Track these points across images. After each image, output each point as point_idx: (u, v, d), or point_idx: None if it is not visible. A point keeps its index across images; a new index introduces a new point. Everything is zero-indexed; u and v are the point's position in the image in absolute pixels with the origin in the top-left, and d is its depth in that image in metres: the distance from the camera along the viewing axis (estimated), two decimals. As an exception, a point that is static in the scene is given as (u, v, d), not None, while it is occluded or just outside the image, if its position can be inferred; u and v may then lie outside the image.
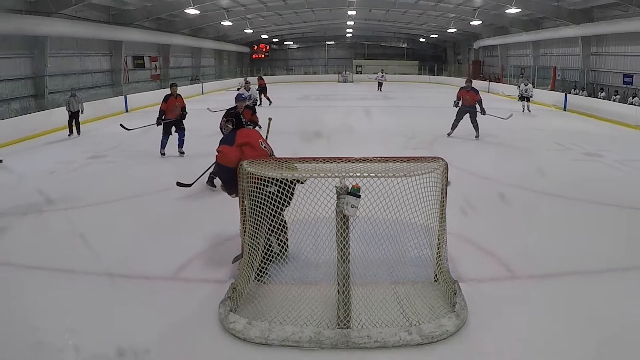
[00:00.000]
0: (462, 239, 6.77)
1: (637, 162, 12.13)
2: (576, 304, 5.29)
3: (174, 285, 5.84)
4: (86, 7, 21.13)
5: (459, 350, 4.42)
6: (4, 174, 10.92)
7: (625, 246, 6.84)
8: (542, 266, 6.20)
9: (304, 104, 27.42)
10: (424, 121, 19.33)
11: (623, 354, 4.35)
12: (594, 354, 4.36)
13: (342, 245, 4.55)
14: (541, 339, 4.59)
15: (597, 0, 22.06)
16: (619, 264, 6.27)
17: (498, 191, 9.14)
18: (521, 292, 5.63)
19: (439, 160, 5.20)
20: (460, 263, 6.16)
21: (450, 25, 35.52)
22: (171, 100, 12.28)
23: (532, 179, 10.27)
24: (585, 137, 16.07)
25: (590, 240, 7.09)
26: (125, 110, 23.54)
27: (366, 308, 4.86)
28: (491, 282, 5.82)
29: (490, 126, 15.66)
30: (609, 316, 5.00)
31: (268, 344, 4.44)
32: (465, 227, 7.04)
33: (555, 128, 18.26)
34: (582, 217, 8.19)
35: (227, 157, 5.59)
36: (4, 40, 18.52)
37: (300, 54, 54.67)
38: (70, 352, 4.39)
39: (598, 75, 26.24)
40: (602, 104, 21.80)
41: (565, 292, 5.58)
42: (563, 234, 7.37)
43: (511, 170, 11.27)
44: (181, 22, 30.74)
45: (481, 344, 4.53)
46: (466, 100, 14.72)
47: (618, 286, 5.74)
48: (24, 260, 6.47)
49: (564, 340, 4.54)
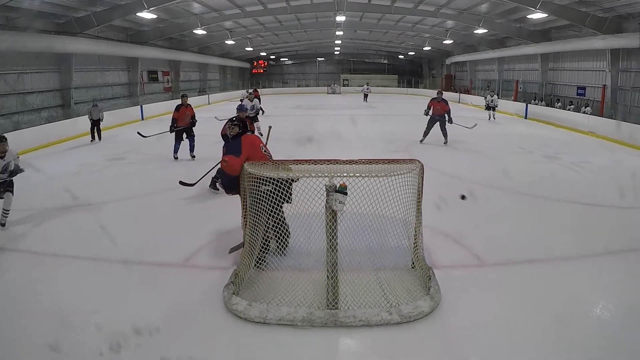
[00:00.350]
0: (436, 231, 6.77)
1: (588, 164, 12.19)
2: (534, 287, 5.33)
3: (183, 271, 5.84)
4: (107, 28, 21.04)
5: (433, 328, 4.45)
6: (35, 174, 10.84)
7: (577, 237, 6.89)
8: (506, 255, 6.23)
9: (297, 112, 27.37)
10: (402, 128, 19.29)
11: (572, 328, 4.42)
12: (548, 329, 4.39)
13: (331, 237, 4.57)
14: (505, 317, 4.63)
15: (554, 22, 22.10)
16: (572, 253, 6.32)
17: (468, 189, 9.13)
18: (488, 277, 5.67)
19: (415, 162, 5.23)
20: (435, 252, 6.16)
21: (426, 44, 35.56)
22: (182, 110, 12.23)
23: (497, 178, 10.31)
24: (544, 141, 16.09)
25: (547, 232, 7.14)
26: (141, 118, 23.44)
27: (352, 291, 4.87)
28: (461, 268, 5.84)
29: (460, 132, 15.67)
30: (562, 297, 5.06)
31: (266, 323, 4.46)
32: (438, 220, 7.05)
33: (517, 134, 18.30)
34: (541, 212, 8.21)
35: (232, 167, 5.57)
36: (35, 57, 18.47)
37: (294, 69, 54.61)
38: (92, 330, 4.39)
39: (555, 87, 26.33)
40: (558, 112, 21.90)
41: (526, 277, 5.62)
42: (524, 227, 7.41)
43: (479, 171, 11.28)
44: (190, 41, 30.65)
45: (453, 322, 4.56)
46: (436, 110, 14.49)
47: (570, 271, 5.80)
48: (52, 249, 6.48)
49: (524, 318, 4.59)
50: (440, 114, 14.45)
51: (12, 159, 7.19)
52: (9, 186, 7.21)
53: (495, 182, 9.94)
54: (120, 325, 4.40)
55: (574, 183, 10.28)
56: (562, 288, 5.29)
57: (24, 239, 6.93)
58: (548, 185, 9.81)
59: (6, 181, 7.15)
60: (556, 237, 6.93)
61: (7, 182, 7.17)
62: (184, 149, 12.40)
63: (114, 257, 6.13)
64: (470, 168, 11.69)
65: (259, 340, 4.28)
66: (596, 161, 12.51)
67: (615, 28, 18.87)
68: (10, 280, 5.62)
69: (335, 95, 45.05)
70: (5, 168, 7.08)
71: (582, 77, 23.84)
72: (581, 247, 6.52)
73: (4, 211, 7.12)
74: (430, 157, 11.49)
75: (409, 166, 5.13)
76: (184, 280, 5.57)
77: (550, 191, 9.30)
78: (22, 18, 16.14)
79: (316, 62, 54.07)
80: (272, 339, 4.28)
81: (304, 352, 4.15)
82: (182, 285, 5.44)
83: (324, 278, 4.71)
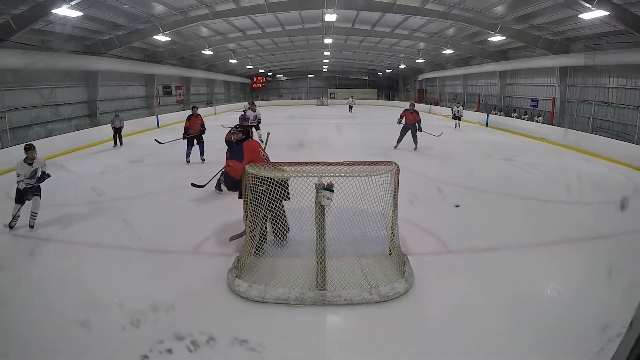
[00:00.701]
0: (409, 222, 6.79)
1: (541, 165, 12.26)
2: (495, 271, 5.40)
3: (193, 257, 5.84)
4: (128, 49, 20.95)
5: (408, 306, 4.50)
6: (66, 174, 10.80)
7: (532, 228, 6.96)
8: (470, 243, 6.29)
9: (291, 121, 27.27)
10: (380, 135, 19.13)
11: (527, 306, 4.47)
12: (507, 307, 4.45)
13: (320, 228, 4.60)
14: (470, 298, 4.69)
15: (511, 44, 22.21)
16: (527, 241, 6.39)
17: (437, 187, 9.21)
18: (454, 262, 5.72)
19: (392, 164, 5.25)
20: (409, 241, 6.20)
21: (401, 62, 35.52)
22: (193, 119, 12.15)
23: (462, 178, 10.36)
24: (502, 146, 16.19)
25: (506, 223, 7.20)
26: (157, 126, 23.30)
27: (338, 275, 4.90)
28: (432, 255, 5.89)
29: (430, 139, 15.68)
30: (519, 280, 5.12)
31: (264, 302, 4.49)
32: (412, 214, 7.07)
33: (480, 140, 18.33)
34: (500, 206, 8.26)
35: (236, 171, 5.57)
36: (66, 74, 18.46)
37: (288, 84, 54.34)
38: (115, 308, 4.42)
39: (512, 100, 26.43)
40: (515, 122, 21.97)
41: (487, 263, 5.68)
42: (486, 219, 7.47)
43: (447, 171, 11.31)
44: (199, 60, 30.50)
45: (424, 301, 4.61)
46: (409, 120, 14.40)
47: (526, 258, 5.86)
48: (81, 239, 6.50)
49: (487, 299, 4.65)
50: (412, 123, 14.41)
51: (39, 166, 7.00)
52: (37, 191, 7.01)
53: (461, 181, 9.99)
54: (140, 304, 4.44)
55: (528, 182, 10.34)
56: (519, 272, 5.35)
57: (58, 230, 6.91)
58: (506, 184, 9.88)
59: (34, 186, 6.96)
60: (513, 228, 7.00)
61: (35, 187, 6.98)
62: (195, 153, 12.36)
63: (135, 246, 6.16)
64: (439, 169, 11.71)
65: (258, 316, 4.31)
66: (547, 163, 12.59)
67: (563, 49, 19.01)
68: (46, 267, 5.62)
69: (323, 107, 44.92)
70: (34, 174, 6.92)
71: (535, 91, 23.98)
72: (535, 237, 6.58)
73: (32, 214, 6.94)
74: (404, 160, 11.50)
75: (387, 167, 5.16)
76: (193, 266, 5.59)
77: (509, 189, 9.37)
78: (55, 41, 16.15)
79: (307, 78, 53.86)
80: (269, 316, 4.32)
81: (297, 326, 4.18)
82: (192, 269, 5.46)
83: (314, 263, 4.75)
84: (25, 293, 4.79)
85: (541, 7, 15.39)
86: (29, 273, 5.39)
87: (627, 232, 6.65)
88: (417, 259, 5.53)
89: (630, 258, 5.72)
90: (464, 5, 17.02)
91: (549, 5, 14.82)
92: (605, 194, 9.25)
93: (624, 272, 5.21)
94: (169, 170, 11.67)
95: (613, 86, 17.99)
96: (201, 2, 17.03)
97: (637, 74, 16.54)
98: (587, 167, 12.44)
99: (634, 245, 6.20)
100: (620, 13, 13.04)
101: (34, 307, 4.47)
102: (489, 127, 23.58)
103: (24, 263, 5.73)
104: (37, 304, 4.53)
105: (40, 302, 4.60)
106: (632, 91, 16.90)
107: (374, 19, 21.68)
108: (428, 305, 4.53)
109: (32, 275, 5.31)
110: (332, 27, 22.47)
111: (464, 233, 6.69)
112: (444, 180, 10.13)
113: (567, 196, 8.83)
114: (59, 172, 7.55)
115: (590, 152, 14.68)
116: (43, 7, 12.41)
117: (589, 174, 11.40)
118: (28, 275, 5.31)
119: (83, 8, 13.43)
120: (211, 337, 3.90)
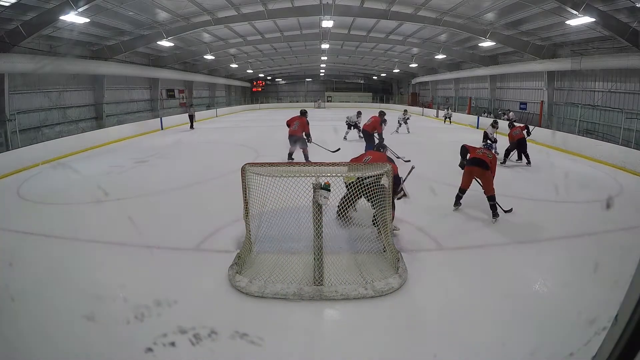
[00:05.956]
0: (403, 221, 6.81)
1: (529, 165, 12.28)
2: (485, 267, 5.40)
3: (196, 254, 5.83)
4: (132, 54, 20.88)
5: (401, 301, 4.49)
6: (74, 174, 10.79)
7: (520, 226, 6.99)
8: (462, 240, 6.29)
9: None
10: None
11: (517, 300, 4.47)
12: (499, 303, 4.45)
13: (317, 226, 4.60)
14: (461, 293, 4.68)
15: (501, 49, 22.23)
16: (517, 239, 6.40)
17: (430, 186, 9.23)
18: (446, 259, 5.70)
19: (386, 165, 5.25)
20: (402, 238, 6.21)
21: (395, 67, 35.50)
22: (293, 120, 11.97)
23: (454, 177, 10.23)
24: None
25: (496, 221, 7.17)
26: (161, 128, 23.20)
27: (334, 271, 4.89)
28: (425, 252, 5.87)
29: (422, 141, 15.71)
30: (509, 275, 5.13)
31: (264, 297, 4.48)
32: (405, 212, 7.05)
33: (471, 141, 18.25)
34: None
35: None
36: (73, 78, 18.51)
37: (286, 87, 54.22)
38: (120, 302, 4.42)
39: (502, 103, 26.47)
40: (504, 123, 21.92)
41: (477, 259, 5.69)
42: (476, 217, 7.47)
43: (439, 171, 11.32)
44: (201, 64, 30.44)
45: (417, 296, 4.60)
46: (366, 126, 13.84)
47: (516, 254, 5.88)
48: (87, 236, 6.47)
49: (478, 293, 4.65)
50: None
51: None
52: None
53: (452, 181, 9.93)
54: (144, 299, 4.42)
55: (517, 181, 10.36)
56: (509, 268, 5.36)
57: (66, 227, 6.89)
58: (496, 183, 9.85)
59: None
60: (503, 225, 7.00)
61: None
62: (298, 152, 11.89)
63: (139, 242, 6.14)
64: (432, 168, 11.70)
65: (258, 310, 4.30)
66: (535, 163, 12.60)
67: (551, 54, 19.07)
68: (53, 262, 5.58)
69: (320, 109, 44.96)
70: None
71: (524, 95, 24.05)
72: (523, 234, 6.60)
73: None
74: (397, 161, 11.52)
75: (382, 167, 5.16)
76: (196, 262, 5.57)
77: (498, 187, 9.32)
78: (63, 46, 16.18)
79: (305, 82, 53.81)
80: (268, 310, 4.30)
81: (295, 320, 4.17)
82: (195, 265, 5.45)
83: (311, 260, 4.74)
84: (32, 288, 4.76)
85: (530, 13, 15.48)
86: (36, 269, 5.36)
87: (611, 230, 6.67)
88: (410, 255, 5.53)
89: (616, 254, 5.72)
90: (455, 12, 17.07)
91: (537, 12, 14.87)
92: (592, 192, 9.26)
93: (609, 268, 5.21)
94: (172, 170, 11.67)
95: (599, 90, 18.06)
96: (203, 9, 17.05)
97: (622, 78, 16.61)
98: (574, 167, 12.47)
99: (619, 242, 6.21)
100: (606, 20, 13.10)
101: (41, 301, 4.45)
102: (480, 129, 23.45)
103: (32, 260, 5.69)
104: (44, 299, 4.51)
105: (47, 297, 4.57)
106: (617, 95, 16.96)
107: (369, 25, 21.73)
108: (421, 300, 4.52)
109: (39, 271, 5.28)
110: (329, 33, 22.46)
111: (455, 230, 6.70)
112: (437, 180, 10.14)
113: (554, 195, 8.85)
114: (66, 171, 7.50)
115: (576, 152, 14.70)
116: (51, 14, 12.42)
117: (575, 174, 11.42)
118: (35, 271, 5.28)
119: (90, 15, 13.46)
120: (213, 330, 3.88)
